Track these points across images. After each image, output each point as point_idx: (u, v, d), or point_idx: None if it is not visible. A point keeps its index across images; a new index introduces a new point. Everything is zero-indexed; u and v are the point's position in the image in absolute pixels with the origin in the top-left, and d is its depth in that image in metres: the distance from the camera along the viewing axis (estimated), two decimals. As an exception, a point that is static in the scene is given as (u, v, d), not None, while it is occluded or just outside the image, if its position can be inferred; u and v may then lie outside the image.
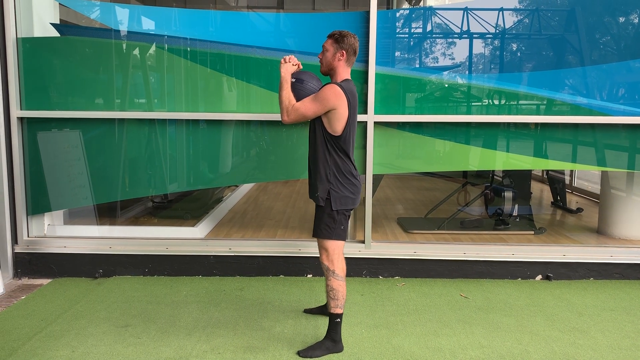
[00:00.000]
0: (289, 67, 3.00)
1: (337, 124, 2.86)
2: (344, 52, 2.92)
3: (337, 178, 2.91)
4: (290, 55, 3.04)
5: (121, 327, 3.28)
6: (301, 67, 3.07)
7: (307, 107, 2.86)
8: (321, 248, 3.00)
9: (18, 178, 4.15)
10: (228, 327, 3.29)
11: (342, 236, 2.98)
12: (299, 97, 2.92)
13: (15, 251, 4.21)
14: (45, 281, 4.15)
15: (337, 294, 2.90)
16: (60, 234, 4.36)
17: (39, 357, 2.88)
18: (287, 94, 2.91)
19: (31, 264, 4.22)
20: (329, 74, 3.01)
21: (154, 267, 4.22)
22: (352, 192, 2.95)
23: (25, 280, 4.19)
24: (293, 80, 2.96)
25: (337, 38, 2.93)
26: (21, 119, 4.13)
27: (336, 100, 2.82)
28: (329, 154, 2.91)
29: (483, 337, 3.18)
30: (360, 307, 3.61)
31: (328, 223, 2.93)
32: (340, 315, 2.95)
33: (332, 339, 2.96)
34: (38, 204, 4.25)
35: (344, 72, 2.96)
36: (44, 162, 4.20)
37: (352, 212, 3.07)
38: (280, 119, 2.95)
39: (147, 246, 4.22)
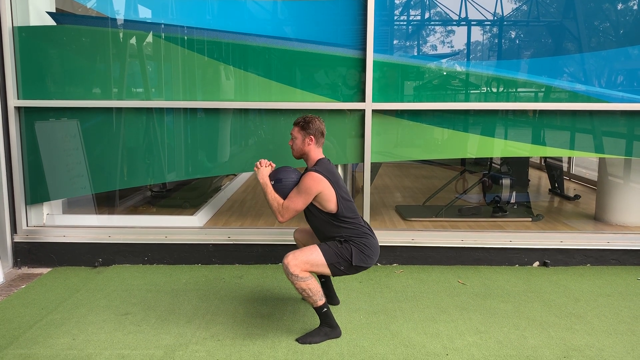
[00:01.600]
0: (264, 171, 3.07)
1: (329, 204, 2.94)
2: (312, 136, 3.03)
3: (355, 239, 2.95)
4: (260, 160, 3.11)
5: (121, 315, 3.30)
6: (274, 165, 3.14)
7: (295, 202, 2.92)
8: (302, 252, 2.90)
9: (16, 168, 4.15)
10: (227, 314, 3.32)
11: (332, 270, 2.92)
12: (284, 195, 2.98)
13: (15, 240, 4.22)
14: (45, 270, 4.17)
15: (310, 292, 2.87)
16: (60, 223, 4.37)
17: (39, 345, 2.91)
18: (273, 196, 2.98)
19: (31, 253, 4.23)
20: (302, 158, 3.11)
21: (153, 256, 4.24)
22: (372, 252, 2.97)
23: (25, 270, 4.20)
24: (272, 182, 3.02)
25: (303, 125, 3.04)
26: (18, 109, 4.12)
27: (317, 186, 2.89)
28: (338, 227, 2.97)
29: (480, 322, 3.21)
30: (359, 294, 3.64)
31: (337, 251, 2.91)
32: (324, 305, 2.95)
33: (329, 325, 2.98)
34: (37, 194, 4.26)
35: (316, 153, 3.07)
36: (42, 151, 4.20)
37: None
38: (276, 219, 2.99)
39: (146, 235, 4.24)
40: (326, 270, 2.92)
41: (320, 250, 2.90)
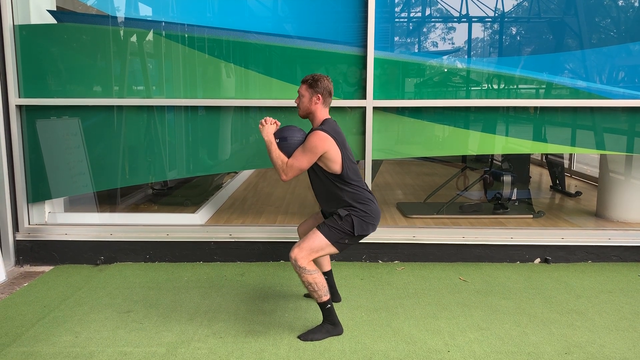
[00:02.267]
0: (269, 128, 3.03)
1: (334, 165, 2.91)
2: (320, 95, 2.97)
3: (355, 206, 2.94)
4: (265, 118, 3.07)
5: (123, 313, 3.31)
6: (279, 123, 3.10)
7: (300, 160, 2.89)
8: (305, 240, 2.91)
9: (18, 166, 4.15)
10: (229, 312, 3.32)
11: (339, 247, 2.94)
12: (288, 154, 2.96)
13: (17, 239, 4.23)
14: (47, 268, 4.18)
15: (316, 286, 2.87)
16: (61, 221, 4.38)
17: (42, 343, 2.92)
18: (277, 154, 2.95)
19: (33, 251, 4.24)
20: (308, 117, 3.06)
21: (155, 254, 4.24)
22: (373, 218, 2.97)
23: (27, 268, 4.21)
24: (277, 140, 2.99)
25: (311, 83, 2.98)
26: (20, 107, 4.13)
27: (323, 145, 2.86)
28: (340, 189, 2.95)
29: (482, 319, 3.22)
30: (360, 291, 3.64)
31: (337, 227, 2.91)
32: (328, 302, 2.95)
33: (331, 322, 2.99)
34: (38, 192, 4.27)
35: (322, 113, 3.02)
36: (43, 149, 4.20)
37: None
38: (280, 178, 2.97)
39: (148, 233, 4.24)
40: (332, 249, 2.92)
41: (320, 233, 2.90)
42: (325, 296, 2.92)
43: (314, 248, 2.88)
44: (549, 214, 5.03)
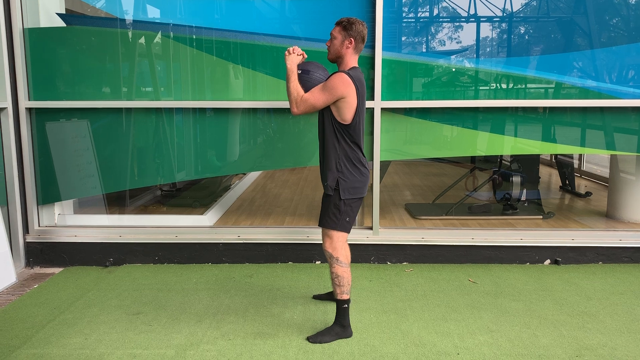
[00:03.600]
0: (294, 58, 2.97)
1: (347, 113, 2.84)
2: (352, 39, 2.89)
3: (346, 167, 2.91)
4: (294, 47, 3.01)
5: (132, 315, 3.32)
6: (306, 56, 3.04)
7: (316, 97, 2.84)
8: (325, 235, 3.01)
9: (28, 168, 4.18)
10: (238, 313, 3.33)
11: (346, 228, 2.98)
12: (306, 88, 2.90)
13: (27, 240, 4.26)
14: (56, 270, 4.20)
15: (342, 281, 2.92)
16: (71, 223, 4.40)
17: (52, 345, 2.93)
18: (295, 85, 2.89)
19: (43, 253, 4.27)
20: (336, 61, 2.98)
21: (163, 255, 4.26)
22: (360, 181, 2.95)
23: (37, 269, 4.24)
24: (299, 71, 2.93)
25: (345, 25, 2.90)
26: (29, 110, 4.16)
27: (345, 88, 2.79)
28: (339, 142, 2.90)
29: (492, 321, 3.20)
30: (369, 293, 3.63)
31: (334, 213, 2.94)
32: (347, 301, 2.97)
33: (341, 325, 2.98)
34: (48, 194, 4.29)
35: (352, 60, 2.94)
36: (52, 152, 4.23)
37: (361, 202, 3.06)
38: (290, 110, 2.92)
39: (157, 234, 4.26)
40: (343, 234, 2.98)
41: (326, 227, 2.97)
42: (347, 294, 2.95)
43: (337, 238, 2.95)
44: (559, 214, 4.99)
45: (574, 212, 5.15)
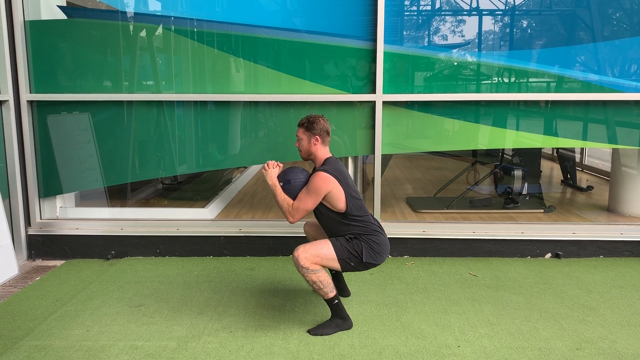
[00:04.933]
0: (272, 172, 3.04)
1: (338, 204, 2.92)
2: (317, 136, 2.99)
3: (365, 236, 2.94)
4: (267, 162, 3.07)
5: (134, 307, 3.33)
6: (281, 165, 3.11)
7: (305, 202, 2.91)
8: (313, 246, 2.89)
9: (29, 161, 4.19)
10: (239, 306, 3.34)
11: (342, 265, 2.92)
12: (293, 196, 2.97)
13: (29, 233, 4.27)
14: (58, 262, 4.22)
15: (321, 284, 2.87)
16: (72, 216, 4.41)
17: (54, 337, 2.94)
18: (282, 198, 2.96)
19: (44, 246, 4.28)
20: (309, 159, 3.08)
21: (165, 248, 4.27)
22: (382, 249, 2.96)
23: (39, 262, 4.25)
24: (281, 183, 3.00)
25: (307, 126, 3.00)
26: (31, 102, 4.16)
27: (327, 186, 2.87)
28: (348, 225, 2.96)
29: (492, 314, 3.20)
30: (370, 286, 3.64)
31: (347, 247, 2.92)
32: (335, 297, 2.95)
33: (340, 317, 2.99)
34: (50, 187, 4.30)
35: (323, 152, 3.04)
36: (54, 145, 4.23)
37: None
38: (287, 220, 2.99)
39: (158, 227, 4.26)
40: (336, 265, 2.92)
41: (331, 244, 2.91)
42: (332, 292, 2.92)
43: (319, 255, 2.87)
44: (560, 208, 4.99)
45: (575, 206, 5.14)
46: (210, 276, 3.84)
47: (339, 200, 2.92)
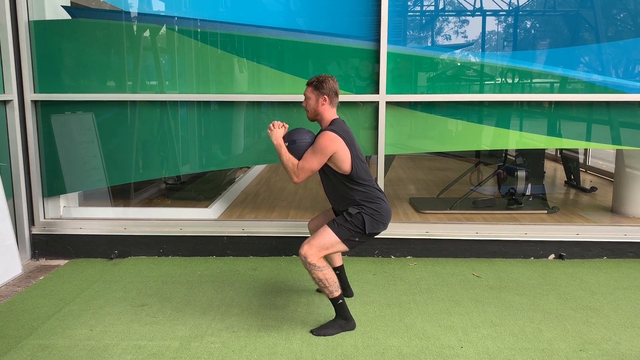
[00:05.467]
0: (277, 132, 3.02)
1: (344, 165, 2.90)
2: (326, 96, 2.97)
3: (367, 205, 2.93)
4: (273, 122, 3.06)
5: (137, 307, 3.33)
6: (287, 126, 3.09)
7: (311, 162, 2.89)
8: (315, 237, 2.90)
9: (33, 160, 4.20)
10: (242, 306, 3.34)
11: (349, 244, 2.94)
12: (298, 156, 2.95)
13: (33, 232, 4.28)
14: (62, 262, 4.23)
15: (327, 282, 2.87)
16: (76, 215, 4.42)
17: (58, 336, 2.95)
18: (287, 157, 2.95)
19: (48, 245, 4.29)
20: (316, 119, 3.06)
21: (168, 248, 4.27)
22: (383, 217, 2.95)
23: (43, 261, 4.26)
24: (286, 143, 2.99)
25: (316, 85, 2.97)
26: (35, 102, 4.17)
27: (333, 146, 2.85)
28: (351, 189, 2.94)
29: (495, 315, 3.20)
30: (373, 286, 3.64)
31: (347, 226, 2.91)
32: (340, 297, 2.95)
33: (344, 317, 2.99)
34: (53, 186, 4.31)
35: (330, 114, 3.01)
36: (58, 144, 4.24)
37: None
38: (292, 181, 2.97)
39: (162, 227, 4.27)
40: (342, 247, 2.92)
41: (330, 230, 2.90)
42: (337, 292, 2.92)
43: (324, 245, 2.87)
44: (564, 209, 4.98)
45: (579, 207, 5.13)
46: (213, 276, 3.85)
47: (345, 162, 2.89)
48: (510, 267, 4.00)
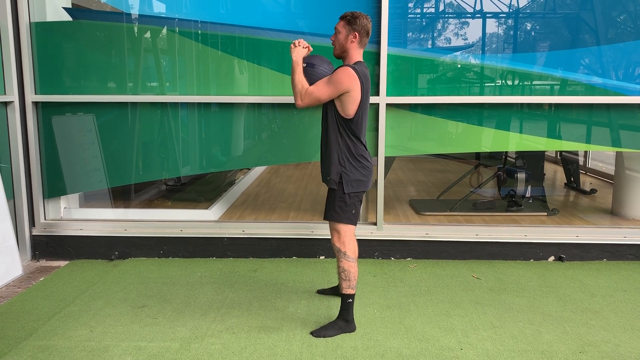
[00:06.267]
0: (300, 50, 2.97)
1: (350, 107, 2.84)
2: (357, 33, 2.88)
3: (349, 161, 2.91)
4: (299, 39, 3.01)
5: (138, 308, 3.34)
6: (311, 49, 3.05)
7: (321, 90, 2.84)
8: (333, 230, 3.02)
9: (34, 162, 4.20)
10: (242, 307, 3.34)
11: (353, 220, 2.99)
12: (311, 81, 2.90)
13: (33, 234, 4.28)
14: (62, 263, 4.23)
15: (349, 275, 2.93)
16: (76, 216, 4.43)
17: (58, 337, 2.95)
18: (300, 78, 2.89)
19: (48, 246, 4.29)
20: (341, 56, 2.98)
21: (168, 249, 4.28)
22: (364, 174, 2.95)
23: (43, 262, 4.27)
24: (304, 64, 2.93)
25: (350, 19, 2.89)
26: (36, 104, 4.18)
27: (349, 82, 2.79)
28: (341, 137, 2.90)
29: (495, 317, 3.20)
30: (373, 288, 3.64)
31: (340, 206, 2.94)
32: (352, 296, 2.98)
33: (345, 319, 2.99)
34: (54, 188, 4.31)
35: (357, 54, 2.93)
36: (59, 146, 4.25)
37: (364, 195, 3.07)
38: (294, 103, 2.92)
39: (162, 228, 4.28)
40: (351, 226, 2.98)
41: (332, 220, 2.98)
42: (352, 289, 2.96)
43: (344, 231, 2.95)
44: (564, 211, 4.99)
45: (579, 209, 5.14)
46: (213, 277, 3.85)
47: (353, 104, 2.83)
48: (510, 269, 4.00)
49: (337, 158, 2.92)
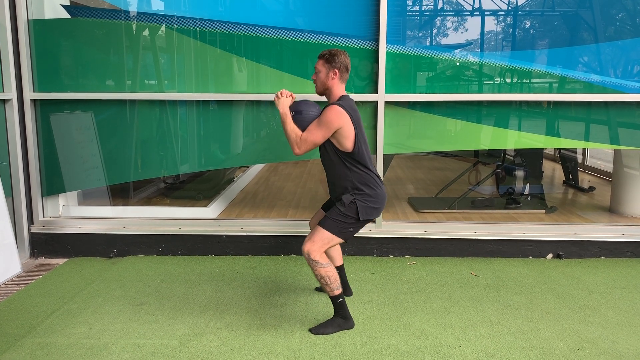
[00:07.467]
0: (284, 101, 3.00)
1: (347, 142, 2.88)
2: (337, 70, 2.94)
3: (361, 191, 2.92)
4: (281, 90, 3.05)
5: (136, 305, 3.34)
6: (294, 97, 3.08)
7: (315, 134, 2.88)
8: (314, 234, 2.91)
9: (32, 159, 4.20)
10: (241, 305, 3.35)
11: (344, 236, 2.95)
12: (302, 128, 2.94)
13: (32, 231, 4.28)
14: (61, 261, 4.23)
15: (328, 279, 2.88)
16: (75, 214, 4.43)
17: (57, 334, 2.96)
18: (291, 127, 2.93)
19: (47, 244, 4.29)
20: (324, 94, 3.03)
21: (167, 247, 4.28)
22: (378, 202, 2.95)
23: (42, 260, 4.27)
24: (292, 113, 2.97)
25: (328, 58, 2.94)
26: (34, 101, 4.17)
27: (339, 120, 2.83)
28: (349, 169, 2.93)
29: (493, 314, 3.21)
30: (371, 285, 3.65)
31: (341, 220, 2.91)
32: (340, 296, 2.96)
33: (342, 316, 2.99)
34: (52, 185, 4.31)
35: (339, 89, 2.99)
36: (57, 143, 4.24)
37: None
38: (292, 151, 2.96)
39: (161, 226, 4.28)
40: (339, 240, 2.93)
41: (325, 228, 2.89)
42: (338, 290, 2.93)
43: (324, 240, 2.88)
44: (562, 209, 4.99)
45: (577, 207, 5.14)
46: (212, 275, 3.85)
47: (348, 138, 2.86)
48: (509, 267, 4.01)
49: (350, 188, 2.94)
